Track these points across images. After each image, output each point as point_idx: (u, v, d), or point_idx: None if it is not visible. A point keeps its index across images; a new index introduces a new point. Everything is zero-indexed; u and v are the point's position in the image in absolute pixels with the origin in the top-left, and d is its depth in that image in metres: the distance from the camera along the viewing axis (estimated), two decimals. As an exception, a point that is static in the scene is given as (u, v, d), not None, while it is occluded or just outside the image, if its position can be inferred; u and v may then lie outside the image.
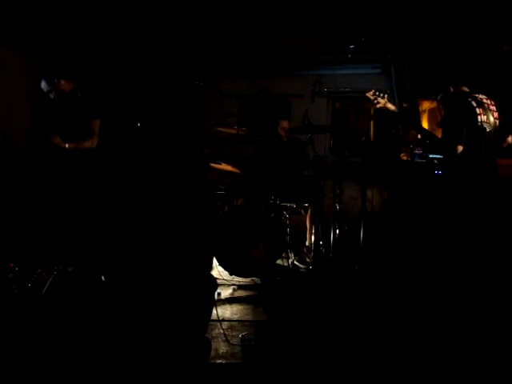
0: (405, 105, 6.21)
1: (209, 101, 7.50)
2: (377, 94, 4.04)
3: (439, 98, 4.16)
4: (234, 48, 7.22)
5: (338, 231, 5.35)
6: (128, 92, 7.30)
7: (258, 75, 7.78)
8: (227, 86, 7.59)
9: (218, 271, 4.95)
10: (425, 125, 6.26)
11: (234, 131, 5.64)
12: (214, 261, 4.89)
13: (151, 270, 2.80)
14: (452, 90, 3.93)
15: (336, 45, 6.90)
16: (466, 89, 3.92)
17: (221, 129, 5.77)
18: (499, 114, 3.88)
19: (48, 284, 3.74)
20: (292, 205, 5.40)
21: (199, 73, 7.52)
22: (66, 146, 4.52)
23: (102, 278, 3.65)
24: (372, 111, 5.20)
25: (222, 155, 5.84)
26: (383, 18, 6.14)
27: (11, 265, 3.77)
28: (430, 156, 5.56)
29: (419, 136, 5.66)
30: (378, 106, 4.07)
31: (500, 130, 3.87)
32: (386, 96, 4.05)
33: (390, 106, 4.06)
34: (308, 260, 5.44)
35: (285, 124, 5.83)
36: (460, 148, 3.65)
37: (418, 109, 6.52)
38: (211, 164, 5.46)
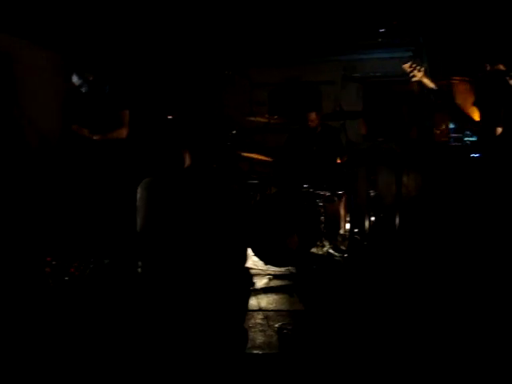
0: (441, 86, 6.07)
1: (239, 91, 7.51)
2: (414, 66, 3.91)
3: (474, 77, 4.03)
4: (263, 37, 7.17)
5: (372, 218, 5.28)
6: (158, 84, 7.33)
7: (287, 63, 7.72)
8: (257, 76, 7.56)
9: (252, 261, 4.93)
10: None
11: (265, 120, 5.61)
12: (249, 251, 4.88)
13: (188, 260, 2.79)
14: (488, 68, 3.80)
15: (366, 29, 6.78)
16: (502, 67, 3.79)
17: (252, 118, 5.75)
18: None
19: (85, 277, 3.80)
20: (326, 192, 5.34)
21: (229, 63, 7.52)
22: (94, 137, 4.58)
23: (139, 269, 3.67)
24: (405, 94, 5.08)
25: (253, 144, 5.81)
26: (414, 1, 6.01)
27: (48, 259, 3.84)
28: (465, 139, 5.44)
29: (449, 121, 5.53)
30: (414, 79, 3.93)
31: None
32: (422, 70, 3.91)
33: (427, 81, 3.91)
34: (343, 248, 5.38)
35: (313, 116, 5.74)
36: (499, 130, 3.54)
37: (452, 89, 6.37)
38: (243, 153, 5.45)
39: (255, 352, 3.11)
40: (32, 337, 3.09)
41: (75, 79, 4.68)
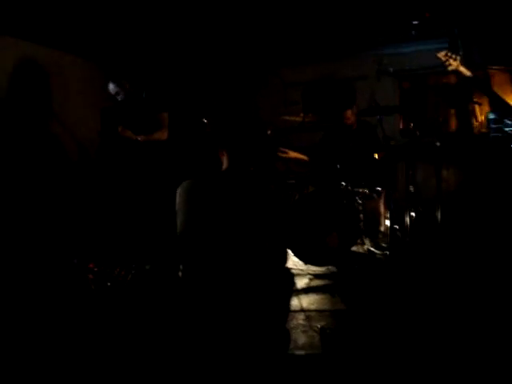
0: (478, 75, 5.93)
1: (272, 90, 7.51)
2: (449, 54, 3.83)
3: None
4: (294, 35, 7.13)
5: (413, 214, 5.19)
6: (192, 87, 7.39)
7: (320, 61, 7.67)
8: (290, 75, 7.56)
9: (292, 261, 4.91)
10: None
11: (299, 119, 5.59)
12: (289, 251, 4.86)
13: (228, 262, 2.80)
14: None
15: (399, 22, 6.67)
16: None
17: (286, 117, 5.74)
18: None
19: (126, 282, 3.84)
20: (364, 190, 5.28)
21: (261, 64, 7.52)
22: (138, 138, 4.65)
23: (179, 274, 3.70)
24: (441, 86, 4.98)
25: (289, 144, 5.79)
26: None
27: (91, 265, 3.89)
28: (506, 129, 5.29)
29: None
30: (450, 68, 3.85)
31: None
32: (458, 58, 3.83)
33: (463, 70, 3.82)
34: (384, 245, 5.30)
35: (348, 114, 5.66)
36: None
37: (490, 79, 6.22)
38: (279, 153, 5.44)
39: (298, 353, 3.09)
40: (74, 342, 3.14)
41: (111, 87, 4.76)
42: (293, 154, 5.52)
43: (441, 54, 3.84)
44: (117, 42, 6.23)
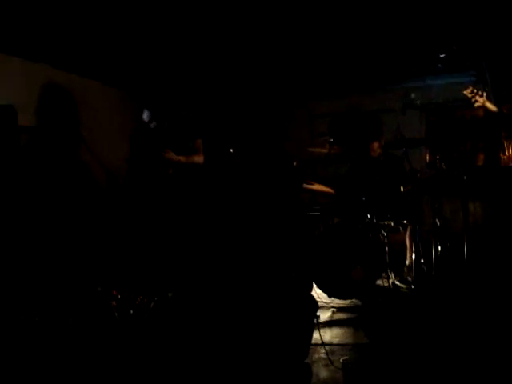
0: (504, 111, 5.90)
1: (299, 123, 7.56)
2: (475, 91, 3.83)
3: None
4: (321, 69, 7.20)
5: (439, 248, 5.12)
6: (220, 117, 7.50)
7: (347, 94, 7.72)
8: (316, 107, 7.60)
9: (316, 293, 4.87)
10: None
11: (325, 151, 5.61)
12: (313, 283, 4.83)
13: (253, 293, 2.81)
14: None
15: (426, 55, 6.69)
16: None
17: (312, 149, 5.76)
18: None
19: (149, 310, 3.86)
20: (390, 222, 5.24)
21: (288, 96, 7.60)
22: (180, 159, 4.72)
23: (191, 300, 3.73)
24: (468, 120, 4.95)
25: (315, 175, 5.80)
26: (475, 24, 5.89)
27: (114, 292, 3.93)
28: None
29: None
30: (477, 104, 3.85)
31: None
32: (484, 94, 3.82)
33: (490, 106, 3.82)
34: (409, 279, 5.24)
35: (375, 145, 5.68)
36: None
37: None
38: (305, 185, 5.45)
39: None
40: (98, 369, 3.15)
41: (146, 115, 4.86)
42: (318, 186, 5.53)
43: (467, 91, 3.85)
44: (147, 71, 6.36)
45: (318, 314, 4.36)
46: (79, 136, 5.63)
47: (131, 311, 3.70)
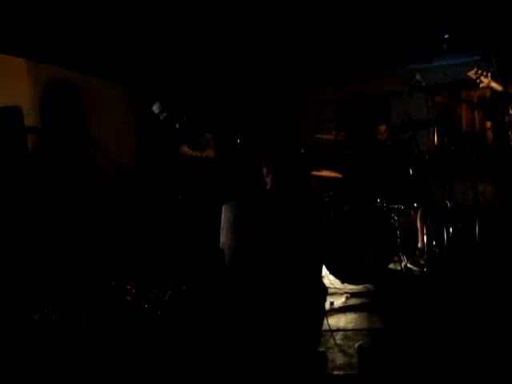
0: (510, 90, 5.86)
1: (305, 109, 7.54)
2: (479, 72, 3.79)
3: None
4: (326, 54, 7.16)
5: (451, 230, 5.11)
6: (227, 108, 7.50)
7: (352, 78, 7.68)
8: (322, 93, 7.57)
9: (329, 280, 4.88)
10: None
11: (332, 137, 5.60)
12: (325, 270, 4.84)
13: (265, 281, 2.83)
14: None
15: (430, 36, 6.63)
16: None
17: (319, 135, 5.76)
18: None
19: (164, 304, 3.89)
20: (400, 206, 5.23)
21: (294, 83, 7.57)
22: (194, 154, 4.75)
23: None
24: (476, 99, 4.92)
25: (323, 162, 5.79)
26: (478, 4, 5.82)
27: (129, 287, 3.96)
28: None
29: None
30: (482, 85, 3.82)
31: None
32: (489, 74, 3.79)
33: (495, 85, 3.78)
34: (422, 262, 5.23)
35: (382, 129, 5.66)
36: None
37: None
38: (313, 172, 5.44)
39: (336, 373, 3.07)
40: (111, 365, 3.18)
41: (156, 106, 4.87)
42: (326, 173, 5.52)
43: (471, 73, 3.82)
44: (156, 67, 6.36)
45: (332, 300, 4.41)
46: (86, 135, 5.66)
47: (146, 305, 3.73)
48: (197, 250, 4.66)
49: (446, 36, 6.35)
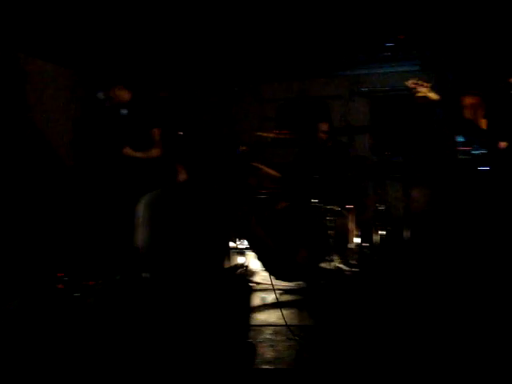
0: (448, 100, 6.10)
1: (248, 106, 7.57)
2: (417, 82, 3.93)
3: (484, 91, 4.02)
4: (271, 53, 7.22)
5: (382, 232, 5.28)
6: (171, 101, 7.41)
7: (296, 79, 7.77)
8: (266, 91, 7.63)
9: (262, 276, 4.94)
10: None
11: (273, 135, 5.65)
12: (260, 265, 4.89)
13: (183, 270, 2.83)
14: (501, 84, 3.77)
15: (374, 43, 6.81)
16: None
17: (260, 133, 5.80)
18: None
19: (96, 293, 3.83)
20: (334, 207, 5.35)
21: (238, 79, 7.59)
22: (138, 154, 4.59)
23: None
24: (413, 107, 5.10)
25: (262, 159, 5.84)
26: (421, 15, 6.03)
27: (60, 275, 3.87)
28: (473, 152, 5.43)
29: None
30: (419, 94, 3.95)
31: None
32: (427, 84, 3.92)
33: (432, 95, 3.92)
34: (353, 262, 5.38)
35: (324, 127, 5.76)
36: (503, 144, 3.53)
37: (461, 104, 6.37)
38: (254, 164, 5.48)
39: (265, 367, 3.11)
40: (42, 352, 3.11)
41: (100, 93, 4.68)
42: (266, 170, 5.57)
43: (409, 82, 3.95)
44: (98, 50, 6.21)
45: (264, 295, 4.46)
46: (26, 115, 5.45)
47: (77, 294, 3.66)
48: (129, 240, 4.60)
49: (389, 44, 6.54)
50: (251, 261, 5.07)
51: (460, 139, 6.03)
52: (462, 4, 5.63)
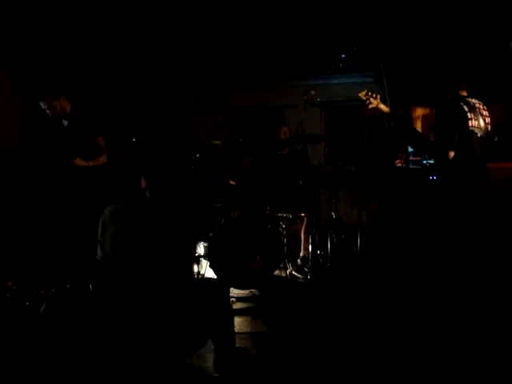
0: (398, 112, 6.24)
1: (205, 114, 7.57)
2: (369, 94, 4.00)
3: (433, 103, 4.13)
4: (228, 63, 7.26)
5: (334, 240, 5.35)
6: (122, 106, 7.34)
7: (252, 88, 7.83)
8: (223, 99, 7.63)
9: (216, 284, 4.92)
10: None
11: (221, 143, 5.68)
12: (212, 273, 4.88)
13: (144, 280, 2.82)
14: (449, 97, 3.86)
15: (328, 55, 6.93)
16: (464, 93, 3.86)
17: (216, 142, 5.80)
18: (490, 119, 3.87)
19: (46, 302, 3.75)
20: (288, 215, 5.40)
21: (195, 88, 7.59)
22: (87, 163, 4.53)
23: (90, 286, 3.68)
24: (365, 118, 5.20)
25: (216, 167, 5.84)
26: (374, 28, 6.18)
27: (9, 284, 3.78)
28: (424, 161, 5.58)
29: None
30: (371, 106, 4.02)
31: (490, 136, 3.85)
32: (378, 97, 4.00)
33: (383, 107, 4.00)
34: (306, 270, 5.43)
35: (285, 129, 5.88)
36: (451, 153, 3.63)
37: (411, 115, 6.55)
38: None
39: (215, 375, 3.11)
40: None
41: (42, 103, 4.59)
42: (223, 178, 5.58)
43: (362, 93, 4.03)
44: (44, 54, 6.10)
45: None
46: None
47: (27, 303, 3.58)
48: (80, 248, 4.53)
49: (343, 56, 6.67)
50: (206, 269, 5.06)
51: (411, 149, 6.20)
52: (414, 18, 5.80)
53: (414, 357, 3.26)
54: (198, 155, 5.41)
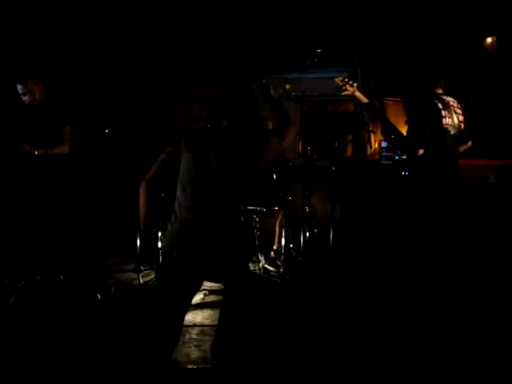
0: (375, 102, 6.30)
1: (178, 106, 7.52)
2: (346, 80, 3.99)
3: (406, 99, 4.14)
4: (201, 54, 7.23)
5: (307, 234, 5.38)
6: (96, 98, 7.26)
7: (226, 80, 7.78)
8: (195, 92, 7.59)
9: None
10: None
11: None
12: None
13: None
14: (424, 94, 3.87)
15: (303, 49, 6.95)
16: (439, 90, 3.88)
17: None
18: (464, 117, 3.90)
19: (16, 294, 3.71)
20: (261, 208, 5.40)
21: (168, 79, 7.53)
22: (36, 152, 4.46)
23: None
24: (340, 113, 5.23)
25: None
26: (350, 23, 6.22)
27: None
28: (396, 157, 5.65)
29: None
30: (346, 93, 4.01)
31: (463, 134, 3.90)
32: (355, 85, 4.00)
33: (359, 95, 3.98)
34: (279, 263, 5.45)
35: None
36: (421, 151, 3.65)
37: (385, 108, 6.61)
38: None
39: (190, 367, 3.12)
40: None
41: (19, 87, 4.52)
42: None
43: (338, 79, 4.01)
44: (16, 40, 5.99)
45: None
46: None
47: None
48: (52, 241, 4.47)
49: (319, 50, 6.69)
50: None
51: (384, 145, 6.27)
52: (390, 15, 5.86)
53: (384, 349, 3.31)
54: (170, 148, 5.38)
